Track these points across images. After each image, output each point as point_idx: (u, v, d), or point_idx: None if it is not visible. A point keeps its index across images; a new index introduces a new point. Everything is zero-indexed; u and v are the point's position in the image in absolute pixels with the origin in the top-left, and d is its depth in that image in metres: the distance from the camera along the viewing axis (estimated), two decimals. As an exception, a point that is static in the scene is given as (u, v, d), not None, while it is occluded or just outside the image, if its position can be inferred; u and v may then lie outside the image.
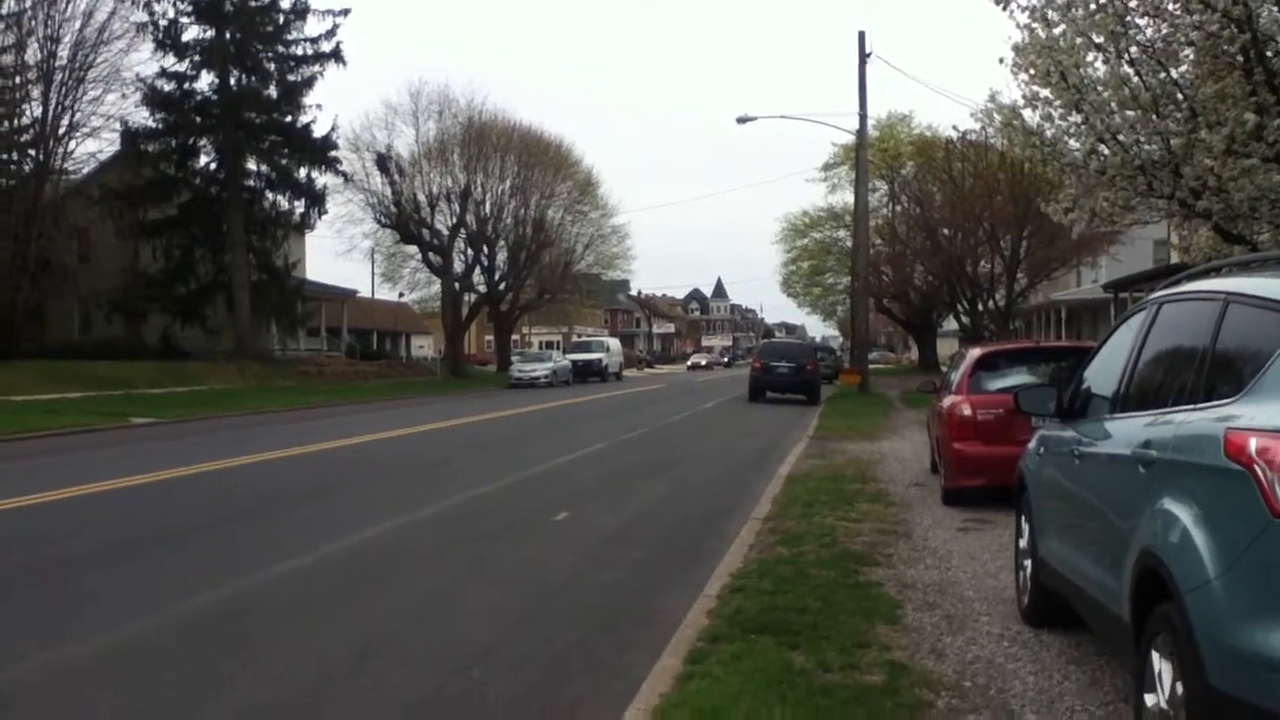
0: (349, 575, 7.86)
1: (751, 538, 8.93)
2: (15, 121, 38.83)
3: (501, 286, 57.97)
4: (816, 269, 66.44)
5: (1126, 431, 4.51)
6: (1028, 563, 6.22)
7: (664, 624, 6.37)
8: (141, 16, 39.96)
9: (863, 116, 34.74)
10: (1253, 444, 3.18)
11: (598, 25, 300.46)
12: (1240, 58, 10.85)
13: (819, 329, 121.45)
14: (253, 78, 42.28)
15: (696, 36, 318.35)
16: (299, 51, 43.00)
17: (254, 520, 10.37)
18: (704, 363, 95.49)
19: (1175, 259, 21.52)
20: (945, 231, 44.03)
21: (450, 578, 7.91)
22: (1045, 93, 12.49)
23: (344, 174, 46.56)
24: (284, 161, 43.26)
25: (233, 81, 41.77)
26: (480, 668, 5.66)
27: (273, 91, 42.58)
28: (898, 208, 54.15)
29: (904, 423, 22.45)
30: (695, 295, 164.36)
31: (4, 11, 38.20)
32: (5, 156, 38.72)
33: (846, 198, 53.07)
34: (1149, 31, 11.72)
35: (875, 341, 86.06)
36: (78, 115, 39.24)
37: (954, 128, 33.35)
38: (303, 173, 43.80)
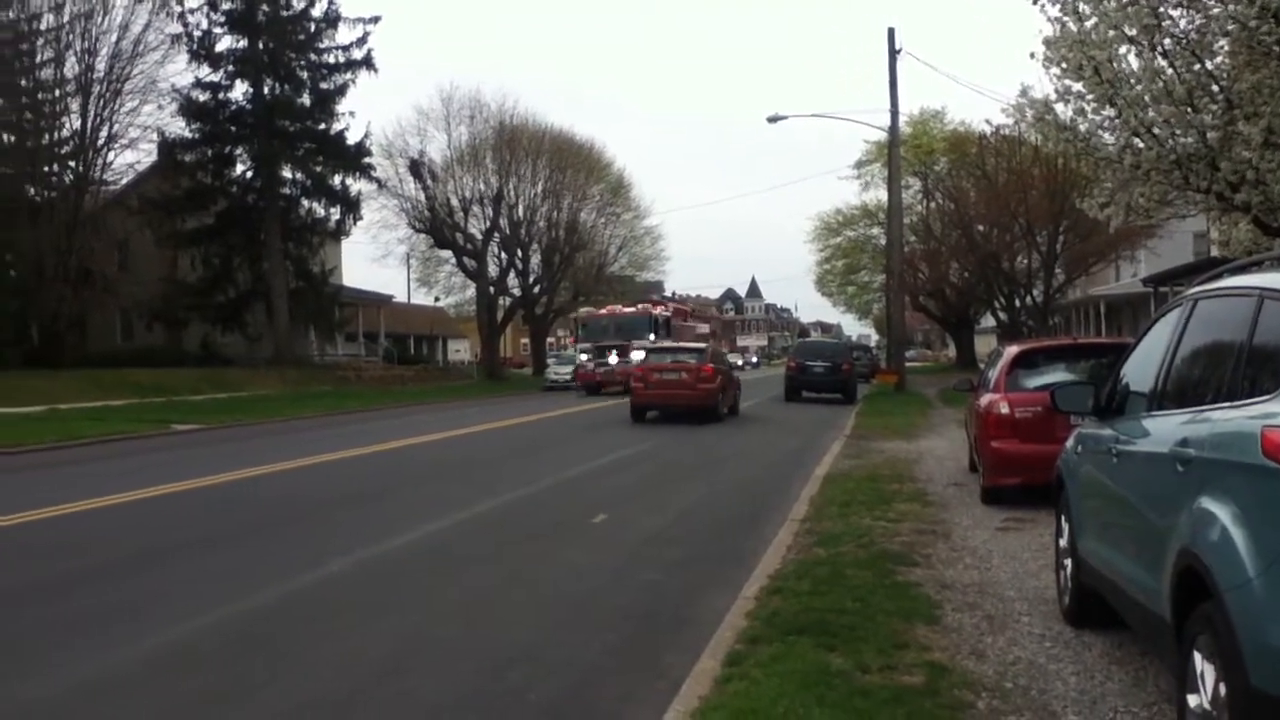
0: (389, 580, 7.95)
1: (789, 539, 8.93)
2: (55, 134, 39.50)
3: (536, 290, 58.22)
4: (851, 267, 66.24)
5: (1164, 429, 4.49)
6: (1068, 562, 6.19)
7: (702, 625, 6.40)
8: (176, 28, 40.60)
9: (894, 113, 34.57)
10: (1291, 442, 3.16)
11: (628, 27, 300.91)
12: (1277, 48, 10.73)
13: (854, 328, 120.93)
14: (286, 86, 42.74)
15: (726, 35, 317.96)
16: (331, 59, 43.45)
17: (310, 521, 10.49)
18: (739, 363, 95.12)
19: (1215, 252, 21.25)
20: (980, 228, 43.78)
21: (490, 581, 7.97)
22: (1078, 87, 12.41)
23: (378, 180, 47.08)
24: (319, 169, 43.68)
25: (266, 90, 42.25)
26: (521, 667, 5.72)
27: (306, 99, 43.02)
28: (932, 204, 53.87)
29: (941, 421, 22.33)
30: (730, 295, 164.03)
31: (43, 27, 38.91)
32: (46, 169, 39.38)
33: (880, 195, 52.91)
34: (1183, 23, 11.62)
35: (912, 339, 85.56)
36: (115, 127, 39.92)
37: (987, 122, 33.17)
38: (337, 180, 44.24)
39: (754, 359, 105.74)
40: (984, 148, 42.08)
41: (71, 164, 39.70)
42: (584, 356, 41.24)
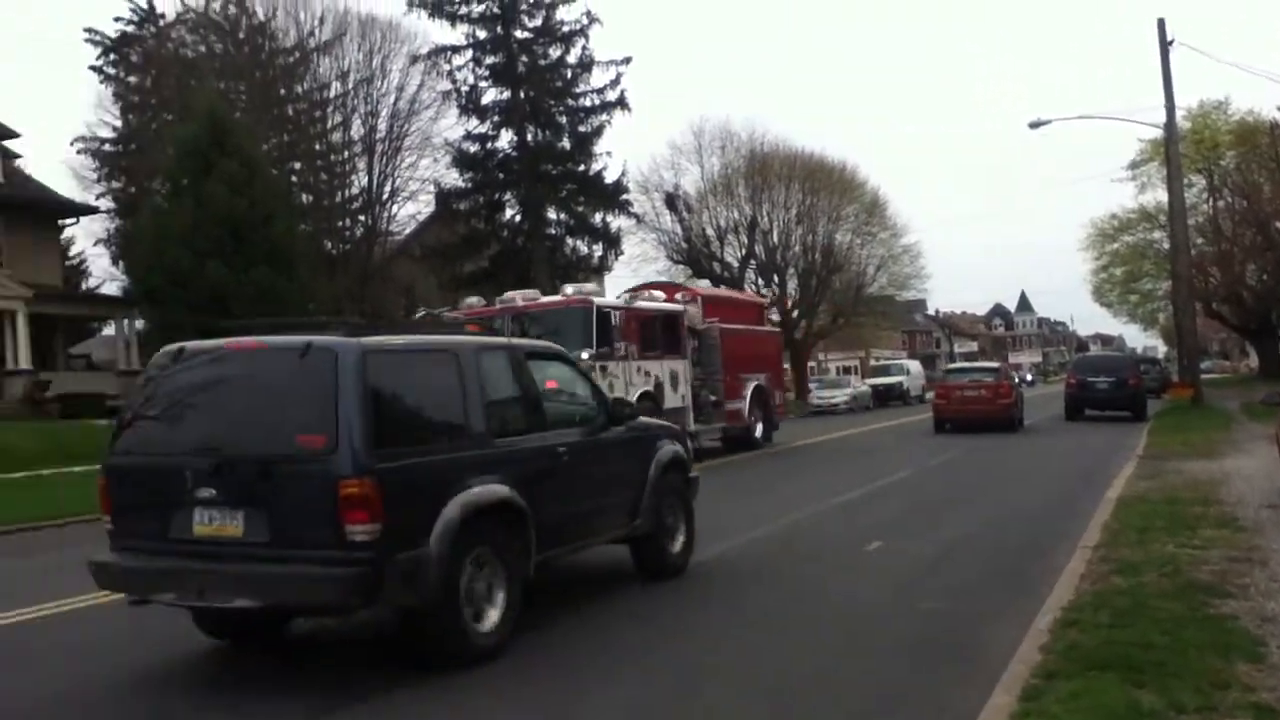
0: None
1: (1081, 567, 8.38)
2: (345, 192, 43.16)
3: (794, 314, 57.92)
4: (1131, 275, 62.00)
5: None
6: None
7: (990, 658, 6.12)
8: (446, 85, 43.45)
9: (1170, 109, 32.20)
10: None
11: (871, 42, 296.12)
12: None
13: (1138, 339, 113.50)
14: (547, 132, 44.64)
15: (978, 42, 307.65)
16: (587, 103, 44.99)
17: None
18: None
19: None
20: (1278, 224, 40.20)
21: (768, 609, 7.92)
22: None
23: (636, 215, 48.38)
24: (580, 208, 45.31)
25: (529, 137, 44.29)
26: (808, 694, 5.70)
27: (566, 143, 44.77)
28: (1220, 202, 49.87)
29: (1247, 438, 20.45)
30: (998, 310, 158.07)
31: (331, 95, 42.72)
32: (340, 224, 43.00)
33: (1159, 196, 49.25)
34: None
35: (1206, 350, 79.36)
36: (397, 181, 43.34)
37: (1279, 109, 30.37)
38: (598, 218, 45.72)
39: (1029, 377, 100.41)
40: (1277, 138, 38.67)
41: (361, 218, 43.24)
42: None
